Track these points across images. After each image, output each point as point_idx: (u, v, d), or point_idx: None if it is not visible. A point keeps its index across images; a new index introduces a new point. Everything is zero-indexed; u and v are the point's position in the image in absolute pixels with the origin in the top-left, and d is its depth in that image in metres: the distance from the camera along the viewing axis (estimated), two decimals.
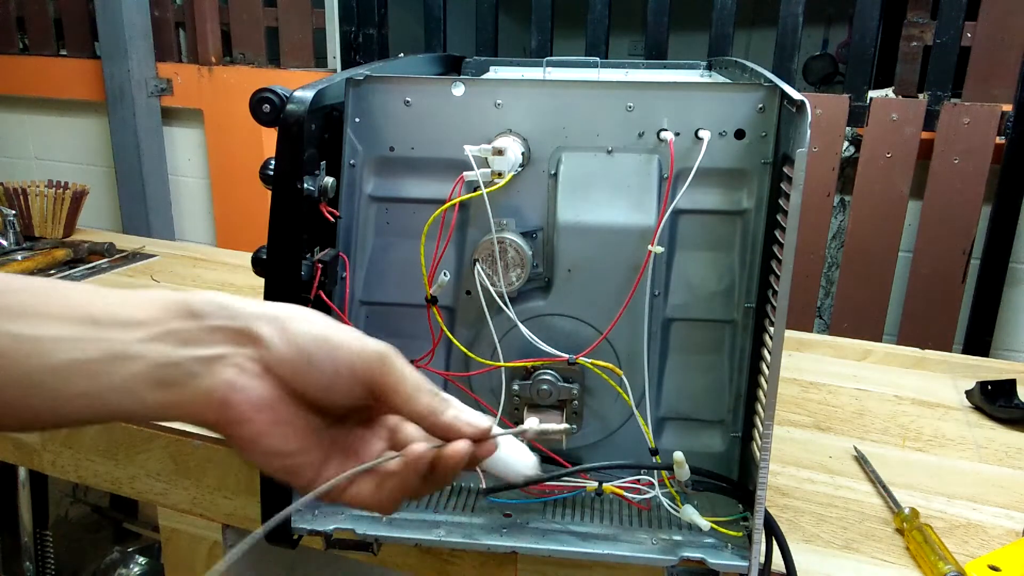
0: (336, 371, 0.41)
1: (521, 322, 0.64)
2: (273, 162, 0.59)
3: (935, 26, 1.56)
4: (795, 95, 0.55)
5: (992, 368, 1.04)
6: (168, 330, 0.40)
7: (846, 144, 1.63)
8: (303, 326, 0.41)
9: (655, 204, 0.63)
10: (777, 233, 0.58)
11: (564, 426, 0.52)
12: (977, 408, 0.92)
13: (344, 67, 1.98)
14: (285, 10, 2.05)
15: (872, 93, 1.63)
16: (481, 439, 0.43)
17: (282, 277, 0.59)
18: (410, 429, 0.46)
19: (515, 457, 0.46)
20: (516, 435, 0.46)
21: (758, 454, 0.58)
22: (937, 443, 0.85)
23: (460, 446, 0.43)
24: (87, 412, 0.38)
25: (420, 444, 0.44)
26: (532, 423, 0.49)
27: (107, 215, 2.31)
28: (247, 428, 0.41)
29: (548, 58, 0.88)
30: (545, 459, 0.67)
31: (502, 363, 0.65)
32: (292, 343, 0.41)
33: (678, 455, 0.61)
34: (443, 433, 0.43)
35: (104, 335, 0.39)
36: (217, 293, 0.42)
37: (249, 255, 0.61)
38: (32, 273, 1.30)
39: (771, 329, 0.57)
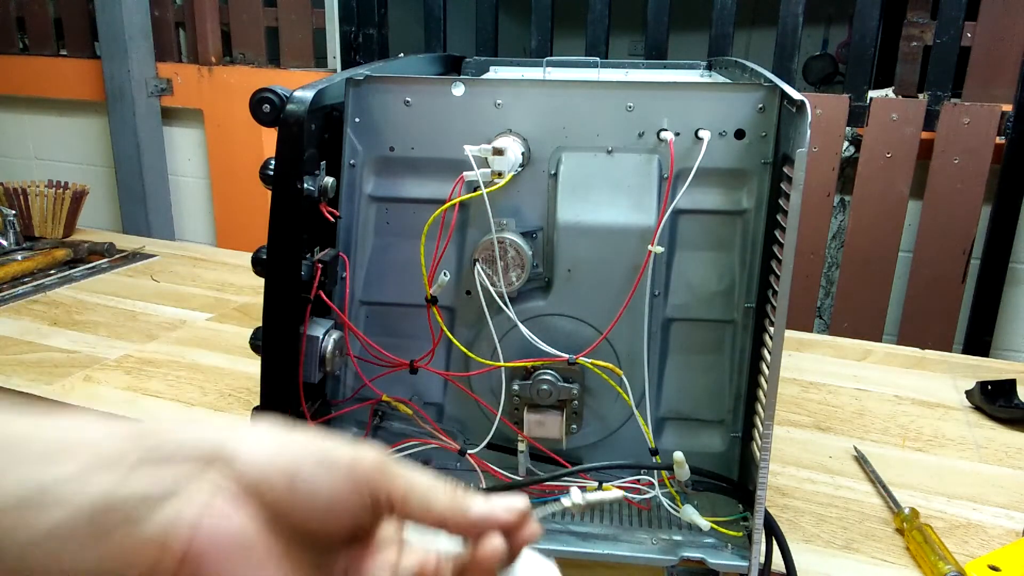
0: (332, 487, 0.33)
1: (521, 322, 0.64)
2: (273, 162, 0.59)
3: (935, 26, 1.56)
4: (795, 95, 0.55)
5: (992, 368, 1.04)
6: (103, 459, 0.30)
7: (846, 144, 1.63)
8: (284, 439, 0.34)
9: (655, 204, 0.63)
10: (777, 233, 0.58)
11: (615, 494, 0.46)
12: (977, 408, 0.92)
13: (344, 67, 1.98)
14: (285, 10, 2.05)
15: (872, 93, 1.63)
16: (519, 523, 0.36)
17: (282, 277, 0.59)
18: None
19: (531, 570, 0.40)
20: (557, 510, 0.40)
21: (758, 454, 0.58)
22: (937, 443, 0.85)
23: (495, 541, 0.35)
24: None
25: (441, 547, 0.36)
26: (576, 495, 0.43)
27: (107, 215, 2.31)
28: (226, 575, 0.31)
29: (548, 58, 0.88)
30: (545, 459, 0.68)
31: (502, 363, 0.65)
32: (274, 459, 0.33)
33: (678, 455, 0.61)
34: (472, 529, 0.35)
35: (18, 471, 0.29)
36: (175, 421, 0.33)
37: (249, 255, 0.61)
38: (32, 273, 1.31)
39: (771, 329, 0.57)
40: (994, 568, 0.64)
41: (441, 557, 0.35)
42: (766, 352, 0.59)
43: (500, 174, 0.61)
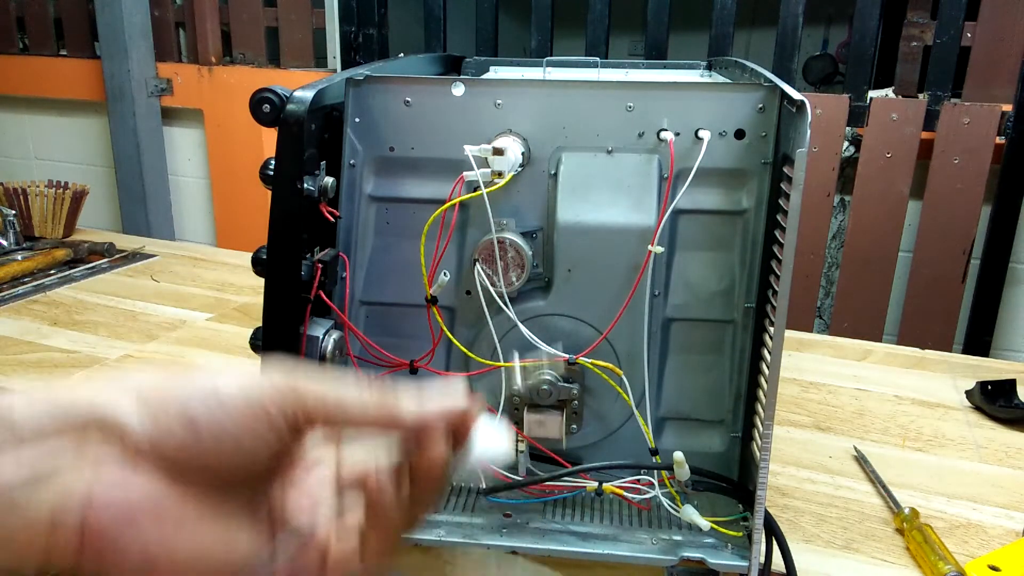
0: (235, 423, 0.30)
1: (521, 322, 0.64)
2: (273, 162, 0.59)
3: (935, 26, 1.56)
4: (795, 95, 0.55)
5: (992, 368, 1.04)
6: None
7: (846, 144, 1.63)
8: (168, 385, 0.31)
9: (655, 204, 0.63)
10: (777, 233, 0.58)
11: (548, 354, 0.40)
12: (977, 408, 0.92)
13: (344, 67, 1.98)
14: (285, 10, 2.05)
15: (872, 93, 1.63)
16: (461, 416, 0.34)
17: (282, 277, 0.59)
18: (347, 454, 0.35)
19: (487, 444, 0.38)
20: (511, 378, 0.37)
21: (758, 454, 0.58)
22: (937, 443, 0.85)
23: (437, 449, 0.33)
24: None
25: (381, 454, 0.33)
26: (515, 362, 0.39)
27: (107, 215, 2.31)
28: (136, 548, 0.29)
29: (548, 58, 0.88)
30: (545, 459, 0.68)
31: (502, 363, 0.65)
32: (163, 409, 0.30)
33: (678, 455, 0.61)
34: (410, 432, 0.34)
35: None
36: (37, 386, 0.30)
37: (249, 255, 0.61)
38: (32, 273, 1.31)
39: (771, 329, 0.57)
40: (994, 568, 0.64)
41: (380, 467, 0.33)
42: (766, 352, 0.59)
43: (500, 174, 0.61)
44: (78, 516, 0.28)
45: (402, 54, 1.04)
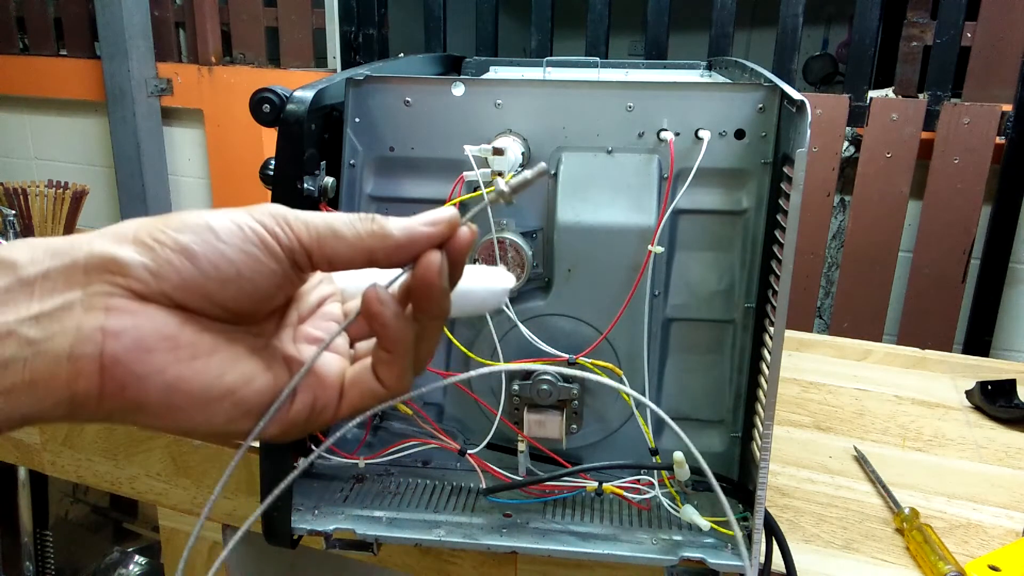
0: (237, 249, 0.31)
1: (521, 322, 0.64)
2: (273, 162, 0.59)
3: (935, 26, 1.56)
4: (795, 95, 0.55)
5: (992, 368, 1.04)
6: None
7: (846, 144, 1.63)
8: (159, 224, 0.31)
9: (655, 204, 0.63)
10: (777, 233, 0.58)
11: (540, 167, 0.40)
12: (977, 408, 0.92)
13: (344, 67, 1.98)
14: (285, 10, 2.05)
15: (872, 93, 1.63)
16: (447, 232, 0.34)
17: None
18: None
19: (483, 278, 0.38)
20: (493, 199, 0.37)
21: (758, 454, 0.58)
22: (937, 443, 0.85)
23: (432, 256, 0.33)
24: None
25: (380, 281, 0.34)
26: (500, 183, 0.38)
27: (107, 215, 2.31)
28: (155, 377, 0.29)
29: (548, 58, 0.88)
30: (545, 459, 0.68)
31: (502, 363, 0.65)
32: (158, 246, 0.30)
33: (678, 455, 0.61)
34: (403, 253, 0.33)
35: None
36: (33, 239, 0.30)
37: None
38: None
39: (771, 329, 0.57)
40: (994, 568, 0.64)
41: (380, 287, 0.33)
42: (766, 352, 0.59)
43: (500, 174, 0.61)
44: (96, 347, 0.29)
45: (402, 54, 1.04)
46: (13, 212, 1.41)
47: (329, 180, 0.62)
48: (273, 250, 0.31)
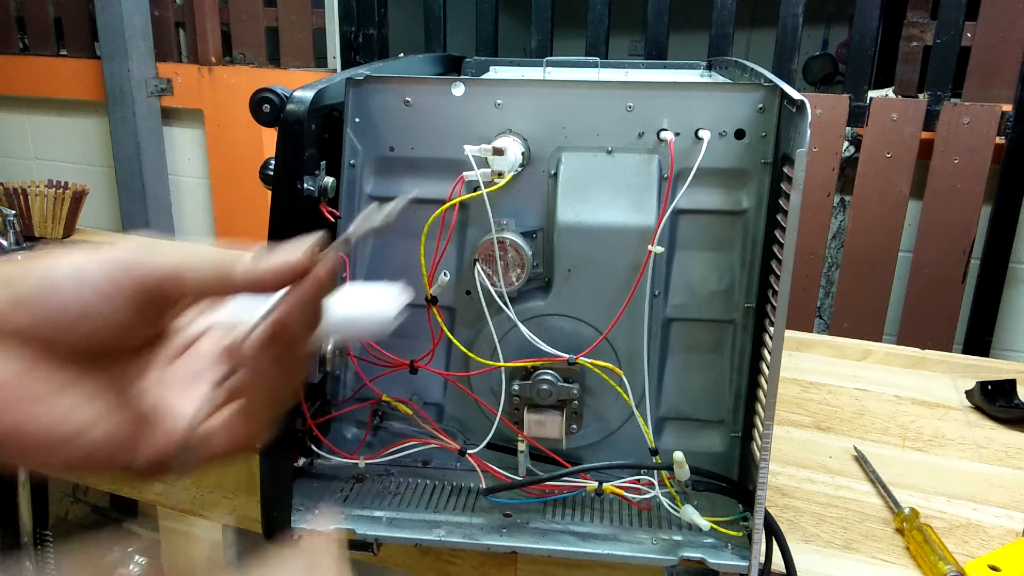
0: (82, 291, 0.30)
1: (521, 322, 0.64)
2: (273, 162, 0.59)
3: (935, 26, 1.56)
4: (795, 95, 0.55)
5: (992, 368, 1.04)
6: None
7: (846, 144, 1.63)
8: (6, 271, 0.30)
9: (655, 204, 0.63)
10: (777, 233, 0.58)
11: (402, 200, 0.38)
12: (977, 408, 0.92)
13: (344, 67, 1.98)
14: (285, 10, 2.05)
15: (872, 93, 1.63)
16: (297, 271, 0.33)
17: None
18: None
19: (369, 305, 0.37)
20: (344, 242, 0.36)
21: (758, 454, 0.58)
22: (937, 443, 0.85)
23: (276, 289, 0.32)
24: None
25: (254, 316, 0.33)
26: (360, 219, 0.37)
27: (107, 215, 2.31)
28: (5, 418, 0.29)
29: (548, 58, 0.88)
30: (545, 459, 0.68)
31: (502, 363, 0.65)
32: (10, 288, 0.30)
33: (678, 455, 0.61)
34: (264, 288, 0.33)
35: None
36: None
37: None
38: None
39: (771, 329, 0.57)
40: (994, 568, 0.64)
41: (245, 330, 0.33)
42: (766, 352, 0.59)
43: (500, 174, 0.61)
44: None
45: (402, 54, 1.04)
46: (13, 212, 1.41)
47: (329, 180, 0.62)
48: (125, 293, 0.31)
